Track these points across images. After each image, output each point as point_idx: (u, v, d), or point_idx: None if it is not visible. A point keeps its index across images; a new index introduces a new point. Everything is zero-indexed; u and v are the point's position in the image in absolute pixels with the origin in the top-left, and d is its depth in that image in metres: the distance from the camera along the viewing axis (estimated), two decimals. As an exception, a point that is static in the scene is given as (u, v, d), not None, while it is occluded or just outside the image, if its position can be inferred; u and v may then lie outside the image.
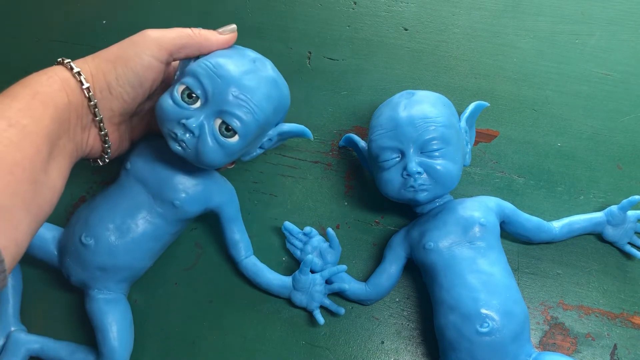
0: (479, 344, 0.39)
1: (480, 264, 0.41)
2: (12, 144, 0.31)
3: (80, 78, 0.37)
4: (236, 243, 0.47)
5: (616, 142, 0.51)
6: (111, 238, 0.43)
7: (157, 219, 0.44)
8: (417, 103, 0.44)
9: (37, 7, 0.61)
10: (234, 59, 0.40)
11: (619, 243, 0.47)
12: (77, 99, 0.37)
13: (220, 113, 0.38)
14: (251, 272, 0.47)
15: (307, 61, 0.56)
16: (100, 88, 0.39)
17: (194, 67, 0.39)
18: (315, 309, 0.46)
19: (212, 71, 0.39)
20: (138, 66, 0.39)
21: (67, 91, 0.36)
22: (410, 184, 0.42)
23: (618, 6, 0.56)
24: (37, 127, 0.33)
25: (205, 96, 0.39)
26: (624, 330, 0.46)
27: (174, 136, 0.39)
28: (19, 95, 0.33)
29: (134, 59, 0.39)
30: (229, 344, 0.48)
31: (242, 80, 0.39)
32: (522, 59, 0.55)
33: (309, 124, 0.53)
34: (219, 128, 0.39)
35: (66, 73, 0.37)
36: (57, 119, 0.35)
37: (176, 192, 0.44)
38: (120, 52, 0.39)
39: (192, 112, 0.39)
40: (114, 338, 0.43)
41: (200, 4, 0.59)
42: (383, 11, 0.58)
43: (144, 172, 0.44)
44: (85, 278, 0.44)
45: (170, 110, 0.39)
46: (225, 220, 0.47)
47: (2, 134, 0.31)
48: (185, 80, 0.39)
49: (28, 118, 0.32)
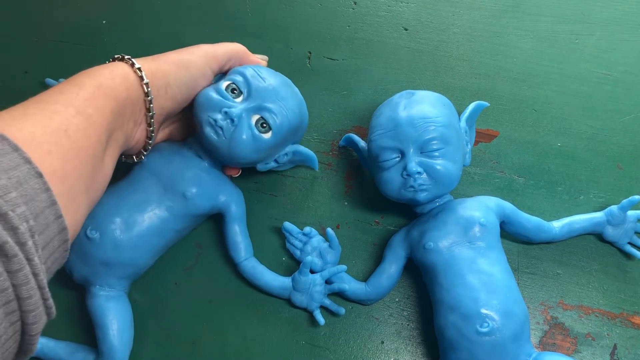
0: (479, 344, 0.39)
1: (480, 264, 0.41)
2: (79, 130, 0.32)
3: (142, 74, 0.39)
4: (237, 244, 0.47)
5: (616, 142, 0.51)
6: (117, 232, 0.43)
7: (165, 213, 0.45)
8: (417, 103, 0.44)
9: (37, 7, 0.61)
10: (273, 73, 0.45)
11: (619, 243, 0.47)
12: (135, 94, 0.39)
13: (260, 109, 0.43)
14: (250, 274, 0.47)
15: (307, 61, 0.56)
16: (157, 86, 0.41)
17: (240, 69, 0.44)
18: (316, 309, 0.46)
19: (257, 74, 0.44)
20: (195, 71, 0.43)
21: (127, 85, 0.38)
22: (410, 184, 0.42)
23: (618, 6, 0.56)
24: (100, 117, 0.35)
25: (249, 92, 0.43)
26: (624, 330, 0.46)
27: (213, 122, 0.42)
28: (86, 85, 0.35)
29: (193, 64, 0.43)
30: (229, 344, 0.48)
31: (280, 88, 0.44)
32: (522, 59, 0.55)
33: (309, 124, 0.53)
34: (256, 123, 0.43)
35: (127, 69, 0.39)
36: (116, 111, 0.37)
37: (188, 185, 0.45)
38: (181, 57, 0.43)
39: (235, 104, 0.42)
40: (114, 336, 0.43)
41: (200, 4, 0.59)
42: (383, 11, 0.58)
43: (159, 164, 0.45)
44: (87, 273, 0.44)
45: (214, 98, 0.42)
46: (230, 220, 0.47)
47: (71, 120, 0.32)
48: (232, 77, 0.43)
49: (92, 108, 0.34)
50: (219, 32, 0.58)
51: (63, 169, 0.30)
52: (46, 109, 0.32)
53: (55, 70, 0.57)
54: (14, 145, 0.27)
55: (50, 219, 0.28)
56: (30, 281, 0.26)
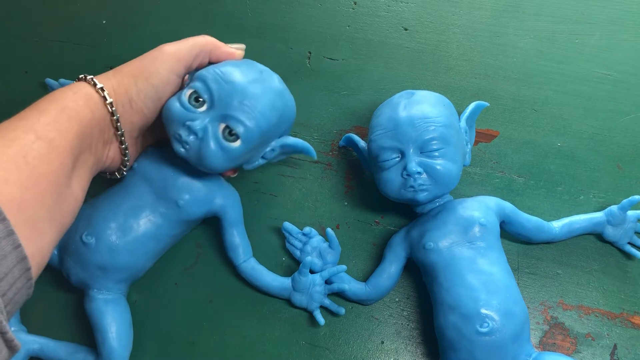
0: (479, 344, 0.39)
1: (480, 263, 0.41)
2: (39, 157, 0.32)
3: (104, 94, 0.38)
4: (236, 247, 0.47)
5: (616, 142, 0.51)
6: (112, 237, 0.43)
7: (160, 219, 0.44)
8: (417, 103, 0.44)
9: (37, 7, 0.61)
10: (242, 68, 0.42)
11: (619, 243, 0.47)
12: (100, 114, 0.38)
13: (224, 117, 0.40)
14: (250, 275, 0.47)
15: (307, 61, 0.56)
16: (122, 102, 0.40)
17: (203, 73, 0.41)
18: (315, 309, 0.46)
19: (219, 77, 0.40)
20: (157, 81, 0.41)
21: (91, 106, 0.37)
22: (410, 184, 0.42)
23: (618, 6, 0.56)
24: (63, 141, 0.34)
25: (212, 100, 0.40)
26: (624, 330, 0.46)
27: (178, 137, 0.40)
28: (47, 109, 0.34)
29: (153, 74, 0.40)
30: (229, 344, 0.48)
31: (248, 88, 0.40)
32: (522, 59, 0.55)
33: (309, 124, 0.53)
34: (223, 132, 0.40)
35: (89, 89, 0.38)
36: (81, 133, 0.36)
37: (180, 192, 0.44)
38: (141, 67, 0.41)
39: (198, 115, 0.40)
40: (113, 338, 0.43)
41: (200, 4, 0.59)
42: (383, 11, 0.58)
43: (151, 171, 0.45)
44: (84, 277, 0.44)
45: (177, 112, 0.40)
46: (227, 223, 0.47)
47: (30, 146, 0.32)
48: (194, 84, 0.41)
49: (55, 132, 0.33)
50: (219, 32, 0.57)
51: (22, 197, 0.30)
52: (5, 136, 0.31)
53: (55, 70, 0.57)
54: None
55: (8, 250, 0.27)
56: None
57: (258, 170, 0.53)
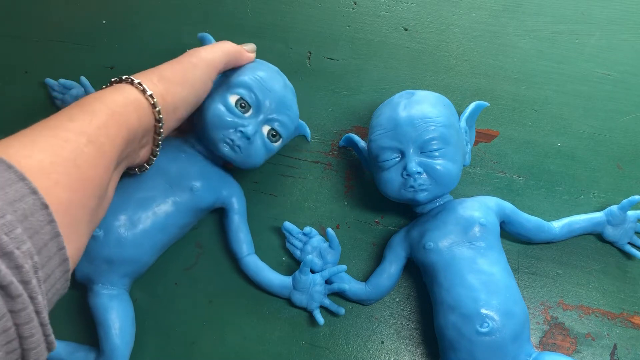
0: (479, 344, 0.39)
1: (480, 263, 0.41)
2: (88, 160, 0.32)
3: (154, 101, 0.38)
4: (240, 239, 0.48)
5: (616, 142, 0.51)
6: (121, 229, 0.43)
7: (171, 208, 0.45)
8: (417, 103, 0.44)
9: (37, 7, 0.61)
10: (271, 74, 0.46)
11: (619, 243, 0.47)
12: (147, 120, 0.38)
13: (269, 121, 0.45)
14: (252, 270, 0.47)
15: (307, 61, 0.56)
16: (167, 110, 0.40)
17: (245, 80, 0.44)
18: (315, 309, 0.46)
19: (261, 84, 0.44)
20: (201, 88, 0.42)
21: (140, 113, 0.37)
22: (410, 184, 0.42)
23: (618, 6, 0.56)
24: (111, 146, 0.34)
25: (258, 106, 0.44)
26: (624, 330, 0.46)
27: (230, 142, 0.43)
28: (98, 112, 0.34)
29: (198, 81, 0.42)
30: (228, 344, 0.48)
31: (283, 93, 0.45)
32: (522, 59, 0.55)
33: (309, 124, 0.53)
34: (268, 134, 0.45)
35: (138, 95, 0.37)
36: (127, 139, 0.36)
37: (195, 179, 0.46)
38: (184, 74, 0.41)
39: (247, 121, 0.44)
40: (116, 335, 0.43)
41: (200, 4, 0.59)
42: (383, 11, 0.58)
43: (165, 162, 0.46)
44: (90, 271, 0.44)
45: (227, 118, 0.43)
46: (232, 214, 0.48)
47: (82, 150, 0.31)
48: (239, 91, 0.44)
49: (104, 137, 0.33)
50: (219, 32, 0.58)
51: (69, 200, 0.30)
52: (57, 136, 0.31)
53: (55, 70, 0.57)
54: (20, 174, 0.27)
55: (53, 251, 0.28)
56: (33, 320, 0.26)
57: (258, 170, 0.53)
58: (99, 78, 0.56)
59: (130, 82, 0.38)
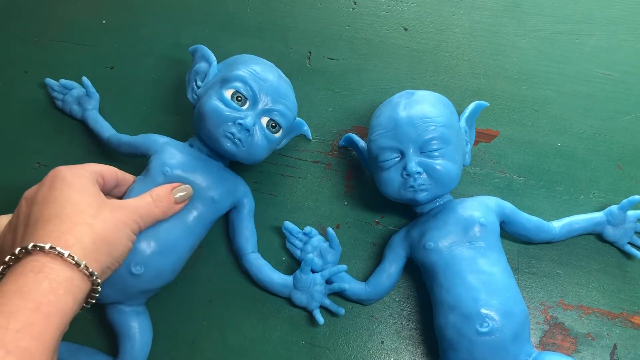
0: (479, 344, 0.39)
1: (480, 263, 0.41)
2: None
3: (93, 278, 0.33)
4: (246, 236, 0.48)
5: (616, 142, 0.51)
6: (160, 261, 0.42)
7: (193, 222, 0.44)
8: (416, 103, 0.44)
9: (37, 7, 0.61)
10: (265, 67, 0.46)
11: (619, 243, 0.47)
12: (82, 294, 0.32)
13: (267, 112, 0.44)
14: (255, 267, 0.47)
15: (307, 61, 0.56)
16: (99, 275, 0.34)
17: (239, 74, 0.44)
18: (315, 308, 0.46)
19: (256, 76, 0.44)
20: (125, 251, 0.37)
21: (74, 292, 0.31)
22: (410, 184, 0.42)
23: (618, 6, 0.56)
24: (41, 345, 0.28)
25: (254, 98, 0.44)
26: (624, 330, 0.46)
27: (231, 136, 0.43)
28: (18, 311, 0.28)
29: (120, 244, 0.36)
30: (229, 344, 0.48)
31: (279, 82, 0.45)
32: (522, 59, 0.55)
33: (309, 124, 0.53)
34: (267, 125, 0.45)
35: (68, 271, 0.31)
36: (62, 325, 0.30)
37: (214, 188, 0.45)
38: (109, 235, 0.35)
39: (245, 113, 0.43)
40: (139, 350, 0.44)
41: (200, 4, 0.59)
42: (383, 11, 0.58)
43: (186, 176, 0.44)
44: (122, 299, 0.43)
45: (225, 112, 0.43)
46: (244, 213, 0.48)
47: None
48: (234, 85, 0.44)
49: (29, 339, 0.28)
50: (219, 32, 0.58)
51: None
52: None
53: (55, 70, 0.57)
54: None
55: None
56: None
57: (258, 170, 0.53)
58: (99, 78, 0.56)
59: (60, 255, 0.31)
